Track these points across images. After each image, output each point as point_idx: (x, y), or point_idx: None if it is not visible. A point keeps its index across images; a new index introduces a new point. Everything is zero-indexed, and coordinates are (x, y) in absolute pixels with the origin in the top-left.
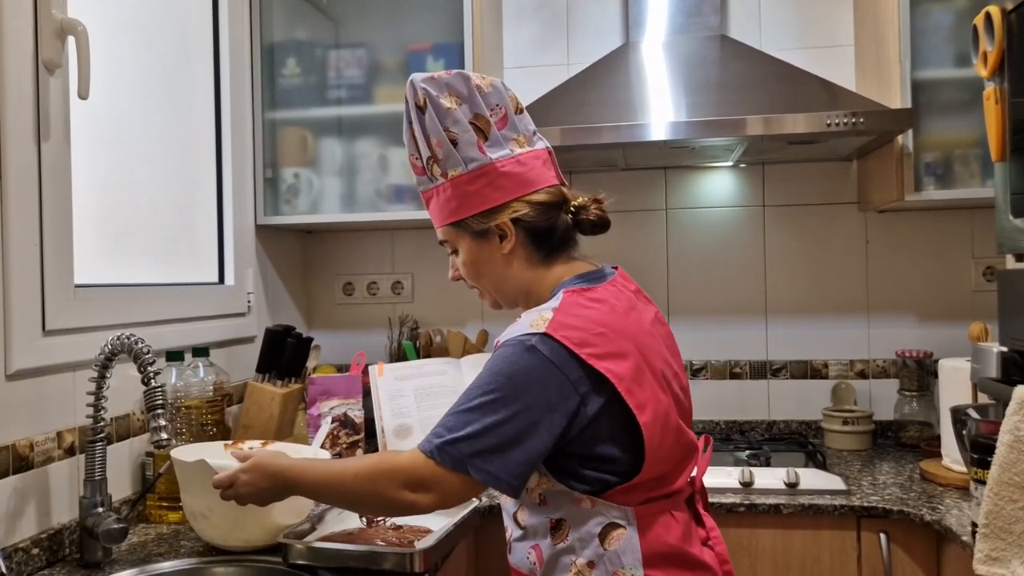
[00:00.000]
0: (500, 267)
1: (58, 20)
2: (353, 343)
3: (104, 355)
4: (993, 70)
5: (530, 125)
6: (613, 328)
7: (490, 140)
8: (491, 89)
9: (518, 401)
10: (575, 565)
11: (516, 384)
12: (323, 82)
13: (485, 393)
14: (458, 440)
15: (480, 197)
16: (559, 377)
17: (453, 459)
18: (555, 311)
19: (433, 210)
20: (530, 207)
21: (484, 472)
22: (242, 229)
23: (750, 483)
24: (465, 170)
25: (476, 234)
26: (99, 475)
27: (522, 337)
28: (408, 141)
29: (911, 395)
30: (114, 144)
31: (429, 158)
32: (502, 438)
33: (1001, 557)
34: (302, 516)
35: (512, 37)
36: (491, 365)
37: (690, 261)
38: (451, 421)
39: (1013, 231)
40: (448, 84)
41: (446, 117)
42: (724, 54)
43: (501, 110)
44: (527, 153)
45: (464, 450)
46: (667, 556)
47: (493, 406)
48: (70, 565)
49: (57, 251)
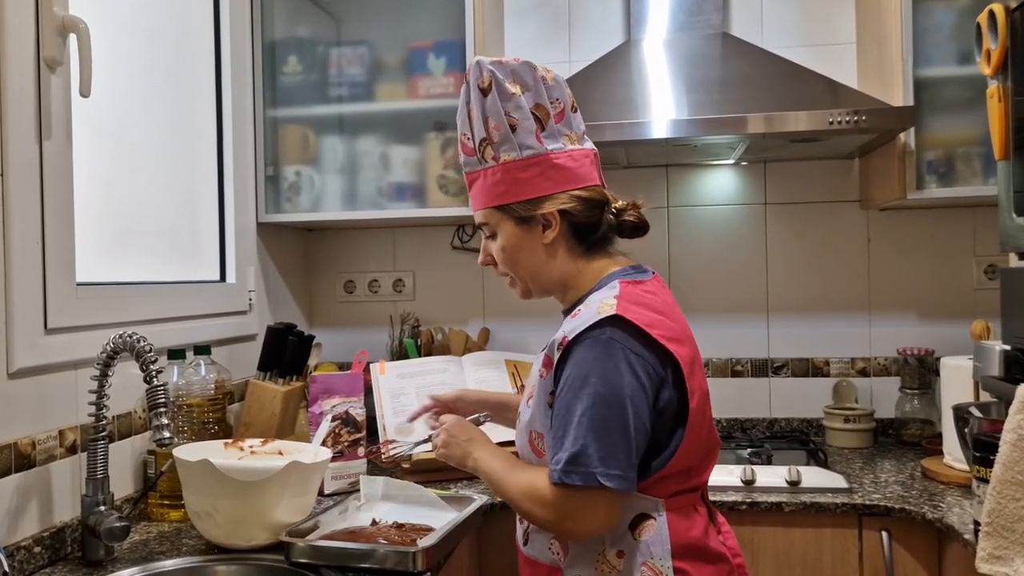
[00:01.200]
0: (540, 256)
1: (59, 18)
2: (355, 341)
3: (106, 353)
4: (996, 68)
5: (582, 125)
6: (669, 316)
7: (547, 131)
8: (554, 83)
9: (617, 394)
10: (604, 556)
11: (610, 379)
12: (324, 80)
13: (584, 395)
14: (578, 456)
15: (530, 185)
16: (640, 358)
17: (583, 477)
18: (618, 298)
19: (477, 191)
20: (576, 201)
21: (615, 479)
22: (244, 227)
23: (752, 481)
24: (520, 156)
25: (520, 220)
26: (101, 473)
27: (595, 332)
28: (462, 121)
29: (912, 393)
30: (115, 142)
31: (483, 140)
32: (619, 437)
33: (1004, 555)
34: (304, 515)
35: (513, 34)
36: (578, 365)
37: (692, 259)
38: (566, 440)
39: (1015, 230)
40: (515, 71)
41: (509, 101)
42: (726, 52)
43: (560, 104)
44: (578, 150)
45: (590, 465)
46: (692, 549)
47: (597, 409)
48: (72, 563)
49: (59, 249)
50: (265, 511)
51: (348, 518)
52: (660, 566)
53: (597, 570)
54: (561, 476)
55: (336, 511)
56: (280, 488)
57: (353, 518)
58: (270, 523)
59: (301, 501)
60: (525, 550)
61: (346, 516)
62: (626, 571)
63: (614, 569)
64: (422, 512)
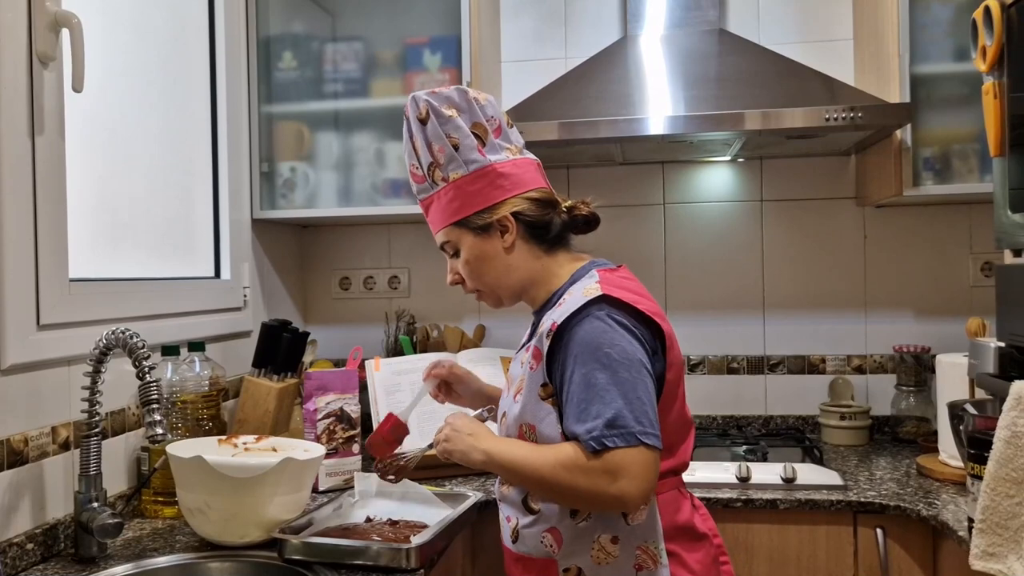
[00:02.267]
0: (503, 260)
1: (52, 13)
2: (350, 338)
3: (99, 349)
4: (992, 64)
5: (520, 139)
6: (647, 298)
7: (488, 146)
8: (487, 103)
9: (627, 356)
10: (598, 542)
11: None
12: (319, 76)
13: (596, 363)
14: (616, 419)
15: (481, 196)
16: (641, 332)
17: (624, 437)
18: (600, 282)
19: (434, 215)
20: (528, 203)
21: (650, 434)
22: (238, 223)
23: (747, 478)
24: (467, 171)
25: (478, 230)
26: (94, 470)
27: (591, 310)
28: (409, 153)
29: (908, 390)
30: (109, 138)
31: (431, 164)
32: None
33: (998, 552)
34: (298, 511)
35: (510, 30)
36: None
37: (688, 256)
38: (592, 407)
39: (1011, 226)
40: (448, 97)
41: (447, 124)
42: (722, 48)
43: (496, 121)
44: (521, 159)
45: (630, 423)
46: (681, 530)
47: (612, 370)
48: (65, 560)
49: (51, 245)
50: (258, 508)
51: (342, 515)
52: (655, 549)
53: (593, 558)
54: (602, 441)
55: (330, 508)
56: (274, 485)
57: (347, 515)
58: (263, 520)
59: (295, 498)
60: (515, 548)
61: (340, 513)
62: (621, 556)
63: (609, 555)
64: (416, 509)
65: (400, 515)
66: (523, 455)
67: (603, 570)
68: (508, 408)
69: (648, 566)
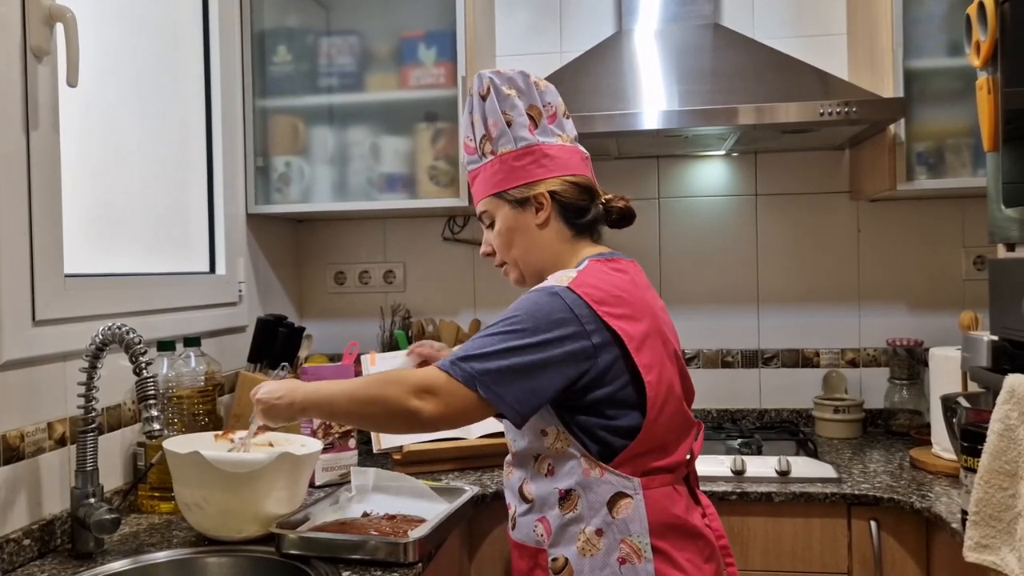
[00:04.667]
0: (533, 236)
1: (46, 7)
2: (345, 332)
3: (95, 345)
4: (986, 59)
5: (574, 131)
6: (631, 295)
7: (539, 128)
8: (547, 89)
9: (536, 335)
10: (584, 533)
11: (536, 320)
12: (314, 70)
13: (506, 323)
14: (471, 358)
15: (524, 171)
16: (576, 324)
17: (464, 374)
18: (579, 273)
19: (478, 186)
20: (567, 185)
21: (492, 392)
22: (233, 218)
23: (742, 471)
24: (515, 147)
25: (515, 203)
26: (90, 465)
27: (547, 286)
28: (466, 126)
29: (901, 383)
30: (104, 132)
31: (483, 137)
32: (515, 365)
33: (991, 544)
34: (295, 506)
35: (505, 24)
36: (516, 304)
37: (682, 250)
38: (469, 345)
39: (1004, 221)
40: (510, 78)
41: (505, 101)
42: (717, 42)
43: (552, 108)
44: (570, 147)
45: (476, 367)
46: (671, 526)
47: (511, 336)
48: (62, 556)
49: (46, 241)
50: (255, 503)
51: (339, 510)
52: (638, 543)
53: (578, 549)
54: (446, 364)
55: (327, 503)
56: (270, 480)
57: (344, 509)
58: (260, 515)
59: (291, 493)
60: (513, 535)
61: (337, 508)
62: (605, 548)
63: (594, 547)
64: (413, 503)
65: (397, 509)
66: (339, 386)
67: (588, 561)
68: None
69: (632, 560)
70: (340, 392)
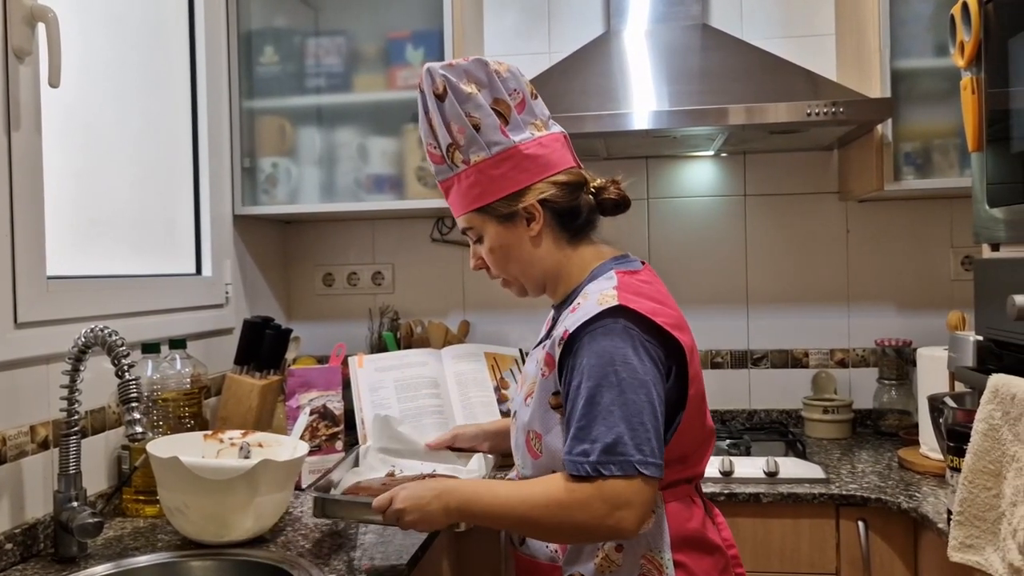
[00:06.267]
0: (528, 250)
1: (27, 6)
2: (334, 334)
3: (77, 348)
4: (970, 60)
5: (545, 110)
6: (667, 305)
7: (511, 124)
8: (508, 74)
9: (639, 383)
10: (603, 549)
11: (631, 368)
12: (301, 70)
13: (606, 388)
14: (612, 447)
15: (506, 180)
16: (654, 349)
17: (623, 466)
18: (617, 288)
19: (455, 199)
20: (556, 187)
21: (649, 465)
22: (219, 219)
23: (730, 472)
24: (489, 154)
25: (503, 218)
26: (73, 469)
27: (606, 321)
28: (425, 131)
29: (890, 384)
30: (88, 133)
31: (450, 145)
32: (643, 422)
33: (975, 544)
34: (280, 511)
35: (493, 25)
36: (594, 360)
37: (671, 251)
38: (591, 431)
39: (989, 220)
40: (467, 70)
41: (467, 102)
42: (706, 43)
43: (519, 95)
44: (547, 136)
45: (624, 452)
46: (690, 540)
47: (623, 398)
48: (44, 560)
49: (28, 242)
50: (237, 508)
51: (361, 471)
52: (659, 559)
53: (597, 566)
54: (597, 467)
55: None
56: (252, 486)
57: (369, 469)
58: (243, 520)
59: (276, 498)
60: (522, 550)
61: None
62: (626, 565)
63: (613, 564)
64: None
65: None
66: (505, 493)
67: None
68: (519, 409)
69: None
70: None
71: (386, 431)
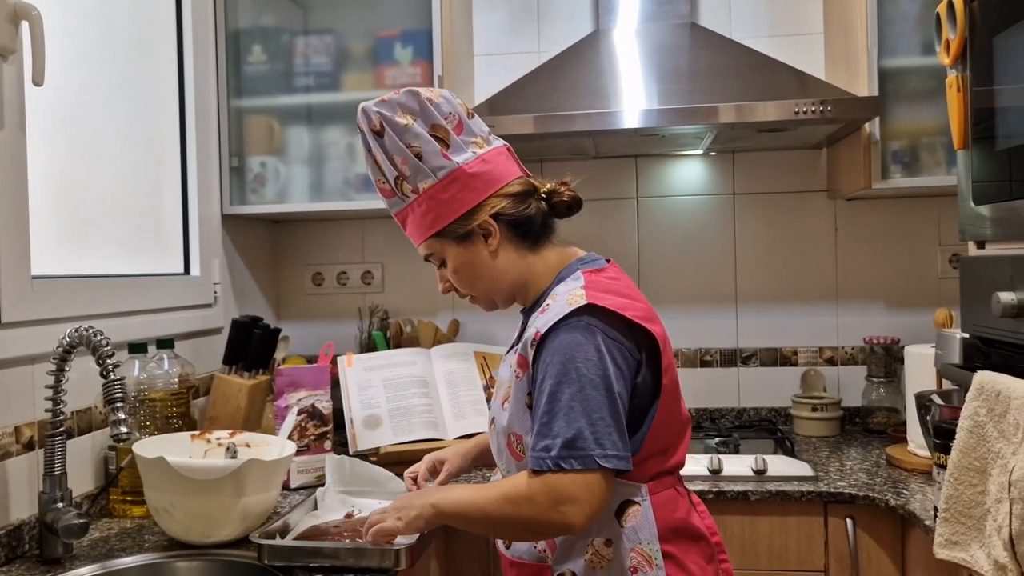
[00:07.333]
0: (491, 266)
1: (11, 4)
2: (323, 334)
3: (62, 348)
4: (955, 58)
5: (484, 127)
6: (636, 299)
7: (452, 147)
8: (441, 99)
9: (600, 379)
10: (592, 545)
11: (592, 364)
12: (290, 69)
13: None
14: (572, 442)
15: (456, 202)
16: (619, 345)
17: (582, 461)
18: (585, 287)
19: (412, 229)
20: (506, 200)
21: (610, 458)
22: (208, 219)
23: (718, 470)
24: (436, 180)
25: (460, 238)
26: (59, 470)
27: (572, 320)
28: (371, 168)
29: (878, 382)
30: (73, 132)
31: (397, 178)
32: (605, 417)
33: (961, 541)
34: (267, 511)
35: (482, 23)
36: (556, 357)
37: (660, 249)
38: (551, 426)
39: (975, 218)
40: (400, 103)
41: (405, 133)
42: (694, 42)
43: (455, 117)
44: (489, 151)
45: (584, 446)
46: (677, 530)
47: (583, 394)
48: (30, 561)
49: (13, 242)
50: (224, 508)
51: (320, 515)
52: (648, 550)
53: (587, 561)
54: (558, 462)
55: (305, 507)
56: (238, 486)
57: (326, 511)
58: (230, 520)
59: (263, 497)
60: (508, 553)
61: (317, 512)
62: (615, 559)
63: (603, 559)
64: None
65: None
66: (468, 495)
67: (597, 573)
68: (497, 415)
69: (643, 568)
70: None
71: (343, 470)
